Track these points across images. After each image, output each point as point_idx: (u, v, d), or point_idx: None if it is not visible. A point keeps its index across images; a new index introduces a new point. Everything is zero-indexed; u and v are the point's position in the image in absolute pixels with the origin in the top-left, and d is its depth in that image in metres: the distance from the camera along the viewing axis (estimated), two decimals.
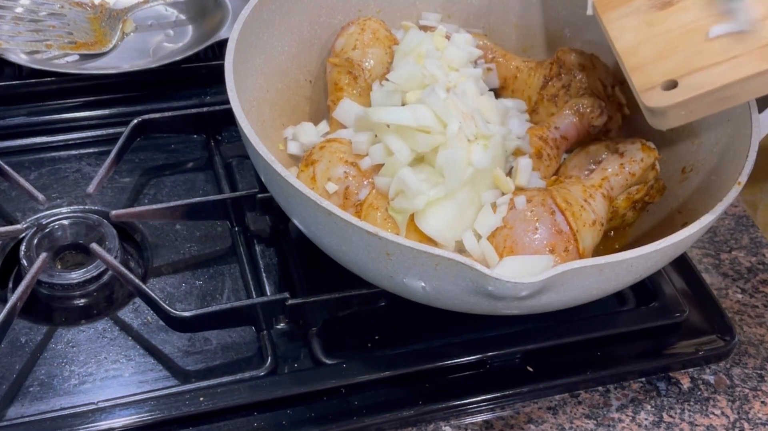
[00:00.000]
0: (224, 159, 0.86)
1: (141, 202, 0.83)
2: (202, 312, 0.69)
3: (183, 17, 1.04)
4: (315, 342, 0.71)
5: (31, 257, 0.73)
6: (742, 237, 0.86)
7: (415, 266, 0.60)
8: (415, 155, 0.69)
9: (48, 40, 0.95)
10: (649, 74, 0.67)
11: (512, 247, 0.65)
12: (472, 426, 0.69)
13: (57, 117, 0.90)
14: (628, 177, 0.73)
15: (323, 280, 0.72)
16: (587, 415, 0.70)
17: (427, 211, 0.67)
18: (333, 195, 0.69)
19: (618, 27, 0.72)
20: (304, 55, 0.82)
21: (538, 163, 0.74)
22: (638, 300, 0.78)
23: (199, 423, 0.66)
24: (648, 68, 0.67)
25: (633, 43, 0.70)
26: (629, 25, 0.71)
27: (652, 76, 0.66)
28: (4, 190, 0.82)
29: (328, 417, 0.67)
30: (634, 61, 0.68)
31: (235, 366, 0.70)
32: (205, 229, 0.80)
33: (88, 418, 0.64)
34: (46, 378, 0.68)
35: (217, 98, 0.92)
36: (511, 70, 0.83)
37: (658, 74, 0.66)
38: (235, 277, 0.77)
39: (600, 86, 0.79)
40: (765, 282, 0.82)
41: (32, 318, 0.72)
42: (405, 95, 0.73)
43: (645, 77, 0.67)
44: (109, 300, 0.74)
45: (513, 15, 0.89)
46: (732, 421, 0.71)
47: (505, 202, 0.68)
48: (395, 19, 0.85)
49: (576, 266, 0.58)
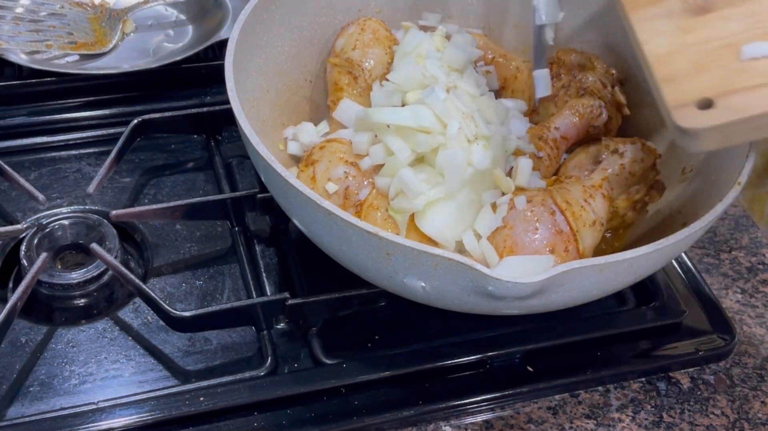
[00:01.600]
0: (224, 159, 0.86)
1: (141, 202, 0.83)
2: (202, 312, 0.69)
3: (183, 17, 1.04)
4: (315, 342, 0.71)
5: (31, 257, 0.73)
6: (742, 237, 0.86)
7: (415, 266, 0.60)
8: (415, 155, 0.69)
9: (48, 40, 0.95)
10: (683, 89, 0.60)
11: (512, 247, 0.65)
12: (472, 426, 0.69)
13: (57, 117, 0.90)
14: (629, 177, 0.73)
15: (323, 280, 0.72)
16: (587, 415, 0.70)
17: (427, 211, 0.67)
18: (333, 195, 0.69)
19: (647, 29, 0.64)
20: (304, 55, 0.82)
21: (538, 163, 0.74)
22: (638, 300, 0.78)
23: (199, 423, 0.66)
24: (681, 81, 0.60)
25: (665, 51, 0.62)
26: (661, 28, 0.63)
27: (685, 91, 0.59)
28: (4, 190, 0.82)
29: (328, 417, 0.67)
30: (665, 71, 0.61)
31: (235, 366, 0.70)
32: (205, 229, 0.80)
33: (88, 418, 0.64)
34: (46, 378, 0.68)
35: (217, 98, 0.92)
36: (511, 70, 0.83)
37: (693, 90, 0.59)
38: (235, 277, 0.77)
39: (600, 86, 0.79)
40: (765, 282, 0.82)
41: (32, 318, 0.72)
42: (405, 95, 0.73)
43: (677, 92, 0.60)
44: (109, 300, 0.74)
45: (513, 15, 0.89)
46: (732, 421, 0.71)
47: (505, 202, 0.68)
48: (395, 19, 0.85)
49: (576, 266, 0.58)
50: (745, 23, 0.61)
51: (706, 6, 0.63)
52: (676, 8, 0.64)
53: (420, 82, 0.73)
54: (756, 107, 0.57)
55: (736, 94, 0.58)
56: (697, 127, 0.57)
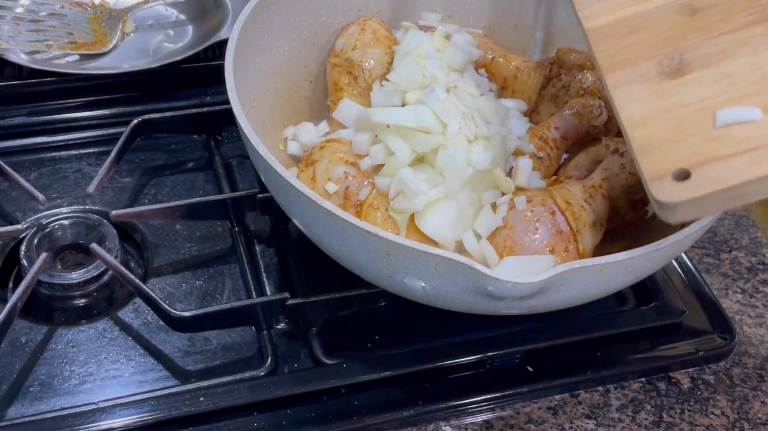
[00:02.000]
0: (224, 159, 0.86)
1: (141, 201, 0.83)
2: (202, 312, 0.69)
3: (183, 17, 1.04)
4: (315, 342, 0.71)
5: (31, 257, 0.73)
6: (742, 237, 0.86)
7: (415, 266, 0.60)
8: (415, 155, 0.69)
9: (48, 40, 0.95)
10: (659, 160, 0.58)
11: (512, 247, 0.65)
12: (472, 426, 0.69)
13: (57, 117, 0.90)
14: (629, 177, 0.73)
15: (323, 280, 0.73)
16: (587, 415, 0.70)
17: (427, 211, 0.67)
18: (333, 195, 0.69)
19: (623, 94, 0.62)
20: (304, 55, 0.82)
21: (538, 163, 0.74)
22: (638, 300, 0.78)
23: (199, 423, 0.66)
24: (657, 152, 0.58)
25: (640, 119, 0.60)
26: (636, 93, 0.62)
27: (662, 162, 0.58)
28: (4, 190, 0.82)
29: (328, 417, 0.67)
30: (641, 140, 0.59)
31: (235, 366, 0.70)
32: (205, 229, 0.80)
33: (88, 418, 0.64)
34: (46, 378, 0.68)
35: (217, 98, 0.92)
36: (511, 70, 0.83)
37: (669, 161, 0.57)
38: (235, 277, 0.77)
39: (600, 86, 0.79)
40: (765, 282, 0.82)
41: (32, 318, 0.72)
42: (405, 95, 0.73)
43: (654, 163, 0.58)
44: (109, 300, 0.74)
45: (513, 15, 0.89)
46: (732, 421, 0.71)
47: (505, 202, 0.68)
48: (395, 19, 0.85)
49: (576, 266, 0.58)
50: (719, 86, 0.60)
51: (681, 68, 0.62)
52: (652, 71, 0.63)
53: (420, 82, 0.73)
54: (731, 178, 0.55)
55: (712, 164, 0.56)
56: (674, 201, 0.56)
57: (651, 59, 0.63)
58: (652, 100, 0.61)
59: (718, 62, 0.61)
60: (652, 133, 0.59)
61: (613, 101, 0.63)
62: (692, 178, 0.56)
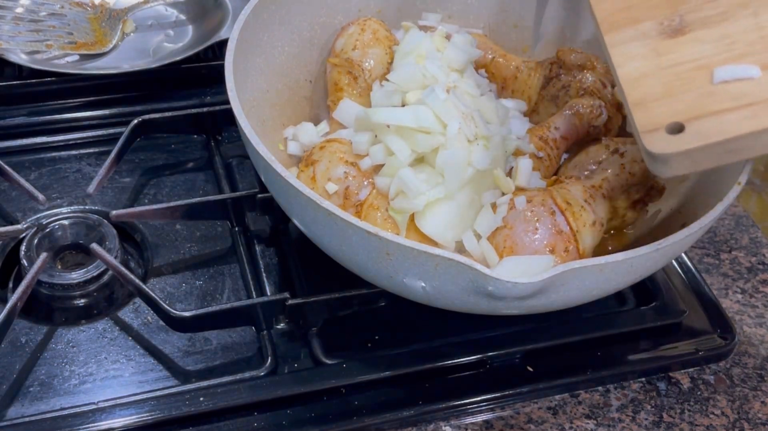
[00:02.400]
0: (224, 159, 0.86)
1: (141, 201, 0.83)
2: (202, 312, 0.69)
3: (183, 17, 1.04)
4: (315, 342, 0.71)
5: (31, 257, 0.73)
6: (742, 237, 0.86)
7: (415, 266, 0.60)
8: (415, 155, 0.69)
9: (48, 40, 0.95)
10: (653, 113, 0.58)
11: (512, 247, 0.65)
12: (472, 426, 0.69)
13: (57, 117, 0.90)
14: (629, 177, 0.73)
15: (323, 280, 0.72)
16: (587, 415, 0.70)
17: (427, 211, 0.67)
18: (333, 195, 0.69)
19: (622, 53, 0.63)
20: (304, 55, 0.82)
21: (538, 163, 0.74)
22: (638, 300, 0.78)
23: (199, 423, 0.66)
24: (652, 106, 0.59)
25: (637, 74, 0.61)
26: (635, 51, 0.62)
27: (656, 115, 0.58)
28: (4, 190, 0.82)
29: (328, 417, 0.67)
30: (637, 95, 0.60)
31: (235, 366, 0.70)
32: (205, 229, 0.80)
33: (88, 418, 0.64)
34: (46, 378, 0.68)
35: (217, 98, 0.93)
36: (511, 70, 0.83)
37: (663, 115, 0.58)
38: (235, 277, 0.77)
39: (600, 86, 0.79)
40: (765, 282, 0.82)
41: (32, 318, 0.72)
42: (405, 95, 0.73)
43: (648, 116, 0.58)
44: (109, 300, 0.74)
45: (513, 15, 0.89)
46: (732, 421, 0.71)
47: (505, 202, 0.68)
48: (395, 19, 0.85)
49: (576, 266, 0.58)
50: (717, 45, 0.60)
51: (681, 28, 0.62)
52: (652, 30, 0.63)
53: (420, 82, 0.73)
54: (725, 132, 0.55)
55: (706, 118, 0.56)
56: (666, 152, 0.56)
57: (651, 19, 0.64)
58: (651, 58, 0.61)
59: (718, 23, 0.62)
60: (648, 89, 0.60)
61: (611, 59, 0.63)
62: (686, 131, 0.56)
